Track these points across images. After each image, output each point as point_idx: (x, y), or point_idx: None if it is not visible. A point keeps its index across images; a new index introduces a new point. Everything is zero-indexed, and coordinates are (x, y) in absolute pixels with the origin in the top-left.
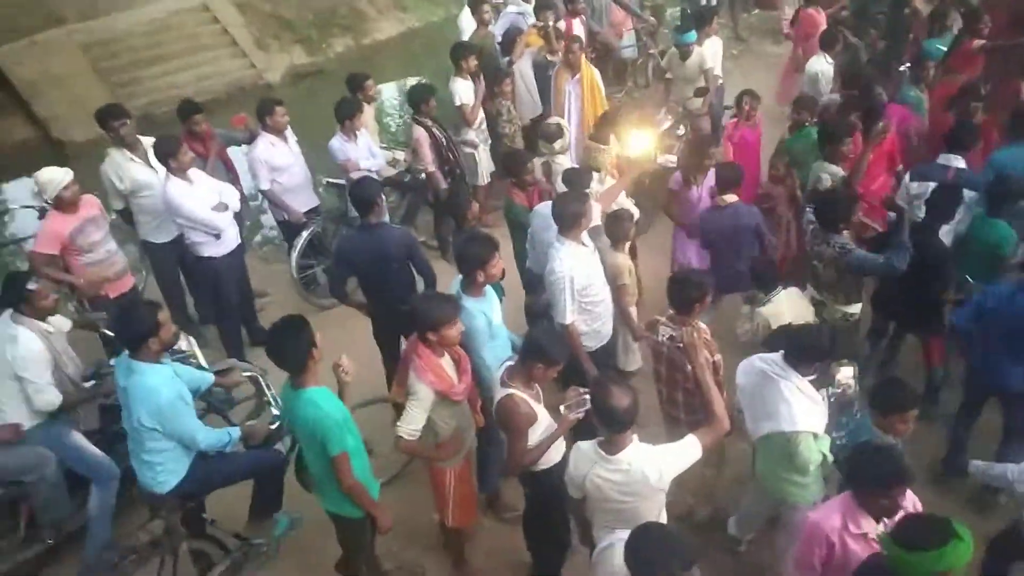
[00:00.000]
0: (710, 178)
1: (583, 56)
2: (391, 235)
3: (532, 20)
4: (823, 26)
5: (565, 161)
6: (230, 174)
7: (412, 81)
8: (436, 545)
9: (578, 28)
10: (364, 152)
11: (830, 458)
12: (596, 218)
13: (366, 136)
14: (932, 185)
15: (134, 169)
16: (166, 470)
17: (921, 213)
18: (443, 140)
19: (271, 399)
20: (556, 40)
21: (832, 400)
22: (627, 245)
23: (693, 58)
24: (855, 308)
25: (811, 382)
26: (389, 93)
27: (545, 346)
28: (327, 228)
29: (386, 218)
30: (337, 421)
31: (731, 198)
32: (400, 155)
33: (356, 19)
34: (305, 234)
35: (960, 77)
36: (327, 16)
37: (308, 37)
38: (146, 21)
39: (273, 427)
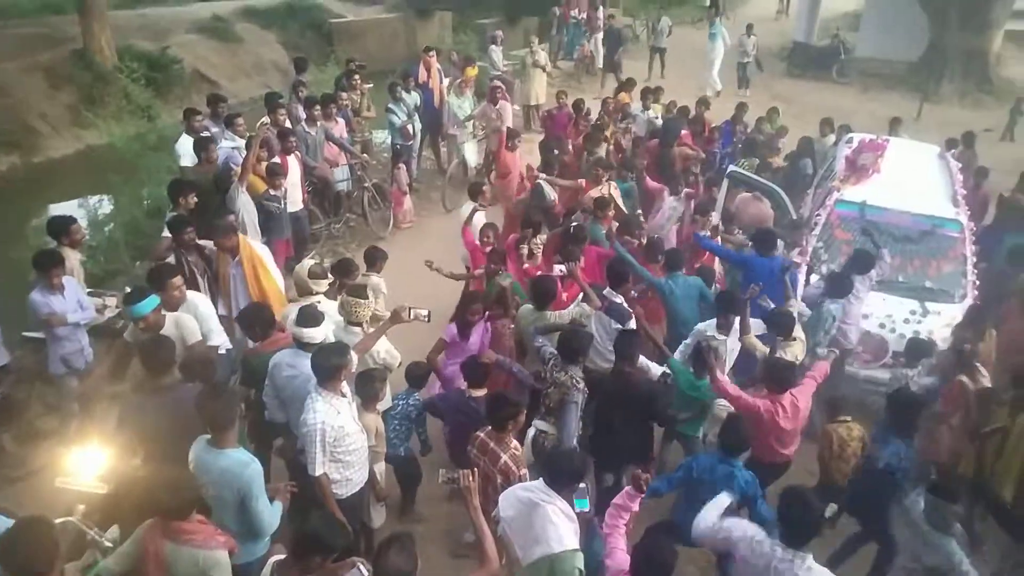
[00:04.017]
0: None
1: (239, 237)
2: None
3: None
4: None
5: (326, 303)
6: None
7: (94, 200)
8: None
9: (293, 163)
10: (72, 304)
11: (583, 573)
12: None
13: (74, 284)
14: None
15: None
16: None
17: None
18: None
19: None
20: (277, 176)
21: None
22: (376, 404)
23: None
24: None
25: None
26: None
27: (325, 537)
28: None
29: None
30: None
31: (480, 393)
32: (111, 300)
33: (25, 135)
34: None
35: None
36: None
37: None
38: None
39: None
